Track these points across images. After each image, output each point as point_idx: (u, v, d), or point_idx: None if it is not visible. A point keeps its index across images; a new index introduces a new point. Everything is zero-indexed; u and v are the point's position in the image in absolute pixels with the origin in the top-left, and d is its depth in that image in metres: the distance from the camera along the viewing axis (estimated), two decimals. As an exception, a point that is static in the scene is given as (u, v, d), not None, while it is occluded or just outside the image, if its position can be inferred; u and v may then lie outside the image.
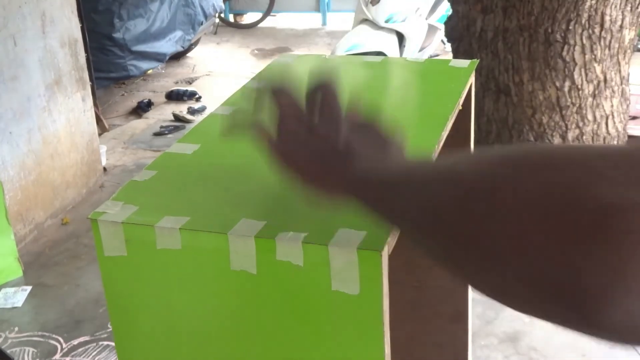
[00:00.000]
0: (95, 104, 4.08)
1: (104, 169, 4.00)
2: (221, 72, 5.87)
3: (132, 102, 5.15)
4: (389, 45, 4.63)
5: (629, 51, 2.94)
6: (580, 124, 2.87)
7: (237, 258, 0.70)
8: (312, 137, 0.67)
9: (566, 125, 2.87)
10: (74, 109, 3.62)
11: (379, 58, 1.19)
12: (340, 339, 0.71)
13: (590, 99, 2.86)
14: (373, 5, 4.65)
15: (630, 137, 3.07)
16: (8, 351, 2.52)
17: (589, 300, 0.36)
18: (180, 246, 0.72)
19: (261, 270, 0.70)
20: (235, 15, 7.66)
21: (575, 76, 2.85)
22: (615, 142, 2.95)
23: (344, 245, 0.66)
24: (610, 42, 2.84)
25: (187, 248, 0.72)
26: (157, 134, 4.60)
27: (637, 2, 2.83)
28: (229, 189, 0.80)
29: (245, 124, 0.71)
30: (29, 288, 2.96)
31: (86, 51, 3.83)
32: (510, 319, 2.64)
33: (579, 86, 2.87)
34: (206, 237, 0.71)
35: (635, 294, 0.35)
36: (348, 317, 0.69)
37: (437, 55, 5.59)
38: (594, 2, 2.74)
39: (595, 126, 2.89)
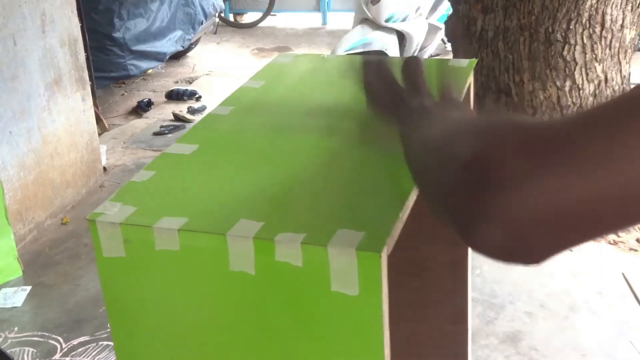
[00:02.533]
0: (95, 104, 4.08)
1: (104, 168, 4.00)
2: (221, 71, 5.87)
3: (132, 102, 5.14)
4: (390, 45, 4.63)
5: (629, 51, 2.94)
6: (581, 124, 2.87)
7: (236, 259, 0.70)
8: (394, 104, 0.80)
9: (567, 125, 2.86)
10: (73, 108, 3.62)
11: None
12: (340, 340, 0.70)
13: (591, 99, 2.86)
14: (373, 4, 4.64)
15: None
16: (8, 351, 2.52)
17: (467, 225, 0.50)
18: (178, 247, 0.71)
19: (260, 271, 0.69)
20: (236, 14, 7.65)
21: (576, 76, 2.85)
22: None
23: (343, 246, 0.66)
24: (611, 41, 2.83)
25: (186, 249, 0.71)
26: (157, 134, 4.60)
27: (638, 2, 2.83)
28: (228, 190, 0.79)
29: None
30: (28, 288, 2.96)
31: (86, 51, 3.82)
32: (511, 318, 2.64)
33: (580, 86, 2.86)
34: (205, 238, 0.71)
35: (495, 229, 0.47)
36: (347, 318, 0.69)
37: (438, 55, 5.58)
38: (594, 1, 2.74)
39: (596, 126, 2.88)
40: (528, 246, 0.49)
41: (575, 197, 0.46)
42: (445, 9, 4.92)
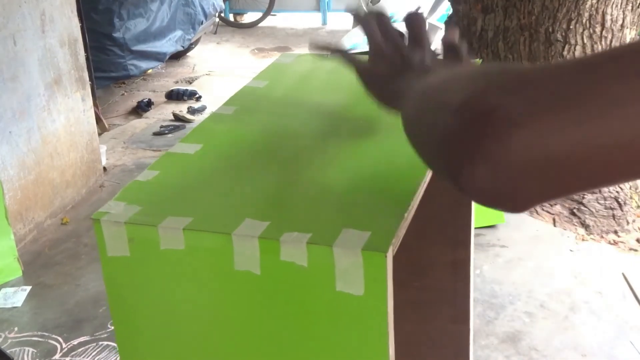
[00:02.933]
0: (95, 104, 4.08)
1: (104, 168, 4.00)
2: (221, 71, 5.87)
3: (132, 102, 5.15)
4: (389, 45, 4.63)
5: (629, 51, 2.94)
6: (581, 124, 2.87)
7: (241, 258, 0.70)
8: (396, 57, 0.80)
9: (567, 125, 2.86)
10: (73, 108, 3.62)
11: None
12: (345, 339, 0.70)
13: (591, 99, 2.86)
14: (373, 4, 4.64)
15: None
16: (8, 351, 2.52)
17: (452, 168, 0.50)
18: (183, 246, 0.71)
19: (265, 271, 0.69)
20: (236, 14, 7.66)
21: (576, 76, 2.84)
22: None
23: (349, 246, 0.66)
24: (611, 41, 2.84)
25: (191, 248, 0.71)
26: (157, 134, 4.60)
27: (638, 2, 2.83)
28: (233, 189, 0.79)
29: (335, 48, 0.87)
30: (28, 288, 2.96)
31: (86, 51, 3.82)
32: (511, 318, 2.64)
33: (580, 86, 2.86)
34: (210, 238, 0.71)
35: (479, 165, 0.47)
36: (352, 318, 0.69)
37: (438, 55, 5.58)
38: (594, 1, 2.74)
39: (596, 126, 2.88)
40: (515, 190, 0.48)
41: (569, 143, 0.45)
42: (445, 9, 4.92)
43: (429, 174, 0.80)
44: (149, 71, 5.54)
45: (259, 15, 7.27)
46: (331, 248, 0.66)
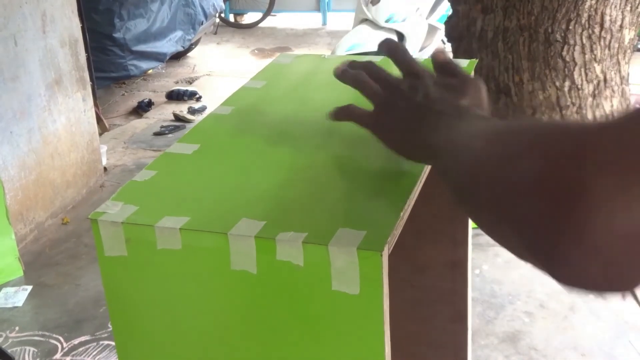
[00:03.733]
0: (95, 104, 4.08)
1: (105, 168, 4.01)
2: (221, 71, 5.88)
3: (133, 102, 5.15)
4: (389, 45, 4.63)
5: (628, 51, 2.95)
6: (581, 124, 2.87)
7: (237, 258, 0.70)
8: (398, 99, 0.75)
9: (566, 125, 2.87)
10: (74, 108, 3.63)
11: (379, 58, 1.19)
12: (341, 339, 0.71)
13: (590, 99, 2.87)
14: (373, 5, 4.65)
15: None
16: (9, 351, 2.52)
17: (551, 258, 0.45)
18: (180, 246, 0.72)
19: (261, 270, 0.70)
20: (236, 15, 7.66)
21: (575, 76, 2.85)
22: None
23: (344, 245, 0.66)
24: (610, 42, 2.84)
25: (187, 248, 0.72)
26: (157, 134, 4.61)
27: (637, 2, 2.83)
28: (229, 189, 0.80)
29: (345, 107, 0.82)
30: (29, 288, 2.96)
31: (86, 51, 3.83)
32: (511, 318, 2.64)
33: (579, 86, 2.87)
34: (206, 237, 0.71)
35: (585, 258, 0.43)
36: (348, 317, 0.69)
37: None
38: (594, 2, 2.74)
39: (596, 126, 2.89)
40: (624, 271, 0.44)
41: None
42: (445, 9, 4.92)
43: (425, 173, 0.81)
44: (149, 71, 5.55)
45: (259, 15, 7.27)
46: (327, 247, 0.66)
